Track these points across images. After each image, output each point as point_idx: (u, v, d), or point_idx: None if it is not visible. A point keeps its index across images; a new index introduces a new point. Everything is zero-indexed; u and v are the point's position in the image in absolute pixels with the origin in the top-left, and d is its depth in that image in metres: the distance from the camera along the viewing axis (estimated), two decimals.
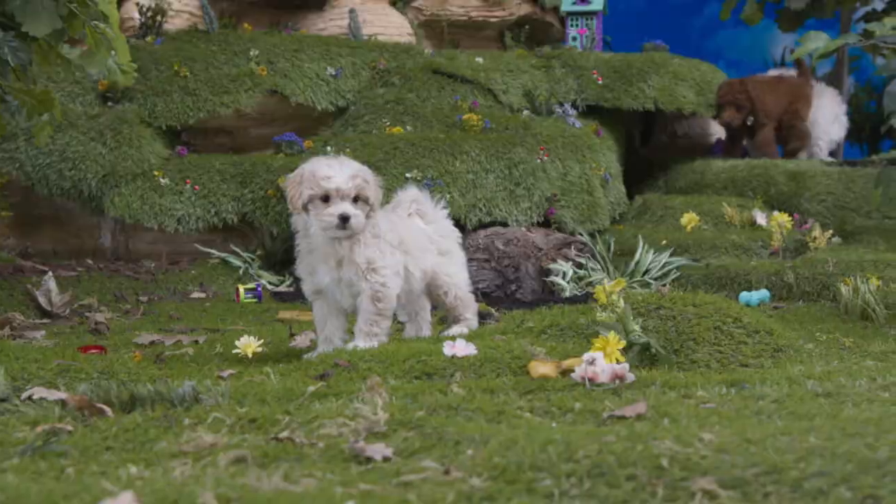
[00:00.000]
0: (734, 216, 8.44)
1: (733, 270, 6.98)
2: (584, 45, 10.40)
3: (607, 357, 3.64)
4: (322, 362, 3.95)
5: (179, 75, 8.53)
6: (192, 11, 9.64)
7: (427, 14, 10.37)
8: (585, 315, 4.37)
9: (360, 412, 2.90)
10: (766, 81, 9.97)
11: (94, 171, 7.85)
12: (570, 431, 2.72)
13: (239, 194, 7.87)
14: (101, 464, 2.59)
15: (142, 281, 7.26)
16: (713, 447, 2.45)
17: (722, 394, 3.38)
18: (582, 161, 8.30)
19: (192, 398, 3.15)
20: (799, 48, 5.80)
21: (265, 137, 8.76)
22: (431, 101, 8.89)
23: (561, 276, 6.91)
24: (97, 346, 4.61)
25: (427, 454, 2.60)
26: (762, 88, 9.75)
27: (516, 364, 3.81)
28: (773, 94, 9.81)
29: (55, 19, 4.71)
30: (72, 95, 8.39)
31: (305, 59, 8.89)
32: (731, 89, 9.65)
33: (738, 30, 12.78)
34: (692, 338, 4.15)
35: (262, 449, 2.64)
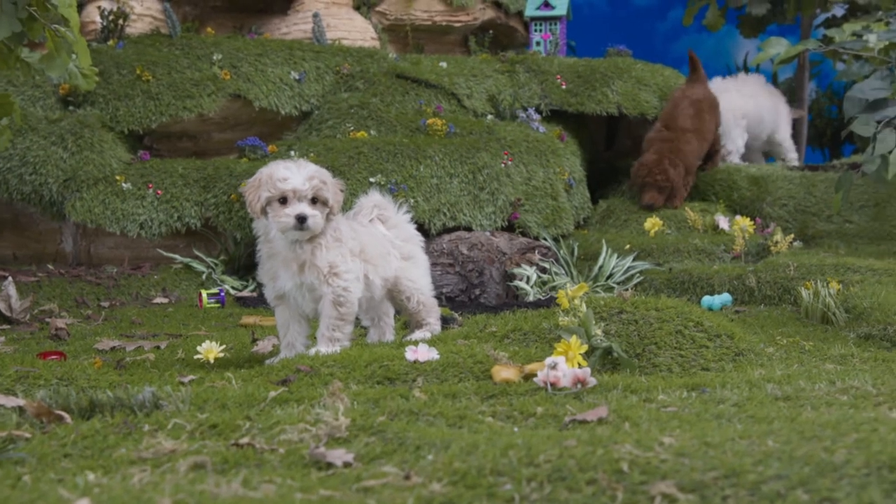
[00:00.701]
0: (697, 221, 8.49)
1: (696, 274, 7.02)
2: (548, 49, 10.43)
3: (569, 361, 3.65)
4: (284, 367, 3.94)
5: (142, 79, 8.49)
6: (154, 15, 9.59)
7: (391, 18, 10.36)
8: (548, 319, 4.38)
9: (322, 417, 2.89)
10: (680, 134, 9.07)
11: (56, 176, 7.79)
12: (532, 436, 2.72)
13: (202, 199, 7.83)
14: (59, 471, 2.57)
15: (103, 286, 7.21)
16: (673, 451, 2.45)
17: (683, 398, 3.39)
18: (546, 166, 8.32)
19: (152, 404, 3.13)
20: (759, 53, 5.85)
21: (229, 142, 8.73)
22: (395, 106, 8.88)
23: (525, 280, 6.92)
24: (57, 352, 4.58)
25: (388, 459, 2.60)
26: (678, 152, 8.94)
27: (479, 369, 3.81)
28: (689, 143, 9.04)
29: (14, 22, 4.68)
30: (32, 99, 8.33)
31: (269, 64, 8.86)
32: (650, 172, 8.82)
33: (702, 35, 12.86)
34: (654, 342, 4.16)
35: (222, 455, 2.62)
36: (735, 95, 10.15)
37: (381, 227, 4.64)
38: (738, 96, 10.17)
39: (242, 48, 8.93)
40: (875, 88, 5.29)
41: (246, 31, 9.77)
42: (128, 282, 7.41)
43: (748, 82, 10.45)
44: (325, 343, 4.26)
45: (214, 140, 8.90)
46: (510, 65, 9.73)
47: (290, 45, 9.19)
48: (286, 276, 4.28)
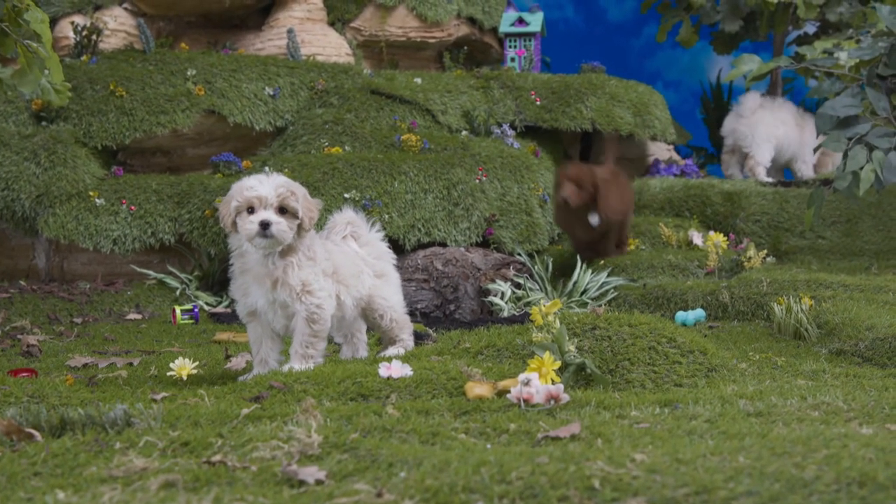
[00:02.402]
0: (671, 236, 8.51)
1: (670, 290, 7.03)
2: (523, 66, 10.46)
3: (542, 378, 3.64)
4: (257, 384, 3.93)
5: (115, 95, 8.46)
6: (127, 31, 9.57)
7: (366, 34, 10.37)
8: (522, 335, 4.37)
9: (294, 435, 2.88)
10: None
11: (28, 192, 7.76)
12: (504, 453, 2.72)
13: (176, 215, 7.81)
14: (29, 489, 2.55)
15: (76, 302, 7.17)
16: (644, 467, 2.46)
17: (655, 414, 3.39)
18: (520, 181, 8.33)
19: (123, 422, 3.11)
20: (732, 70, 5.87)
21: (203, 157, 8.71)
22: (370, 122, 8.89)
23: (499, 296, 6.92)
24: (28, 369, 4.55)
25: (360, 476, 2.59)
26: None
27: (452, 385, 3.80)
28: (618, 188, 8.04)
29: None
30: (4, 115, 8.29)
31: (243, 79, 8.85)
32: (573, 168, 7.85)
33: (677, 51, 12.92)
34: (627, 358, 4.16)
35: (194, 473, 2.61)
36: (769, 117, 10.26)
37: (353, 244, 4.64)
38: (772, 119, 10.27)
39: (217, 64, 8.92)
40: (846, 105, 5.33)
41: (220, 47, 9.75)
42: (101, 298, 7.37)
43: (783, 108, 10.53)
44: (298, 360, 4.25)
45: (188, 156, 8.88)
46: (485, 81, 9.75)
47: (264, 60, 9.18)
48: (258, 292, 4.27)
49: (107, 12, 9.57)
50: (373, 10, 10.39)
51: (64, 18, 9.45)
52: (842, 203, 9.03)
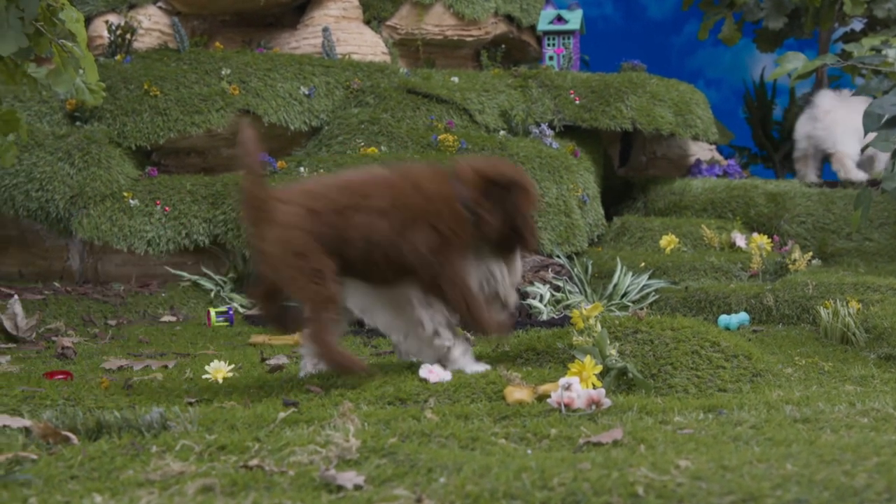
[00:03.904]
0: (713, 238, 8.43)
1: (712, 293, 6.95)
2: (561, 64, 10.41)
3: (584, 382, 3.61)
4: (294, 387, 3.91)
5: (149, 94, 8.47)
6: (162, 30, 9.59)
7: (402, 33, 10.34)
8: (562, 339, 4.33)
9: (332, 439, 2.86)
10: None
11: (62, 192, 7.77)
12: (545, 458, 2.69)
13: (210, 216, 7.80)
14: (66, 493, 2.54)
15: (110, 304, 7.17)
16: (689, 474, 2.44)
17: (699, 419, 3.35)
18: (559, 182, 8.27)
19: (159, 425, 3.11)
20: (777, 68, 5.78)
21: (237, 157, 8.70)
22: (406, 122, 8.86)
23: (538, 298, 6.86)
24: (63, 371, 4.54)
25: (399, 482, 2.56)
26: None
27: (491, 389, 3.77)
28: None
29: (21, 38, 4.65)
30: (39, 115, 8.32)
31: (278, 79, 8.84)
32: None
33: (718, 49, 12.84)
34: (670, 362, 4.11)
35: (231, 477, 2.59)
36: (843, 111, 10.08)
37: None
38: (847, 111, 10.09)
39: (251, 63, 8.91)
40: (894, 104, 5.23)
41: (255, 46, 9.75)
42: (135, 300, 7.37)
43: (855, 98, 10.38)
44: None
45: (223, 156, 8.88)
46: (523, 80, 9.71)
47: (299, 59, 9.17)
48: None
49: (141, 11, 9.59)
50: (409, 7, 10.36)
51: (98, 17, 9.48)
52: (890, 204, 8.94)
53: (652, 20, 13.73)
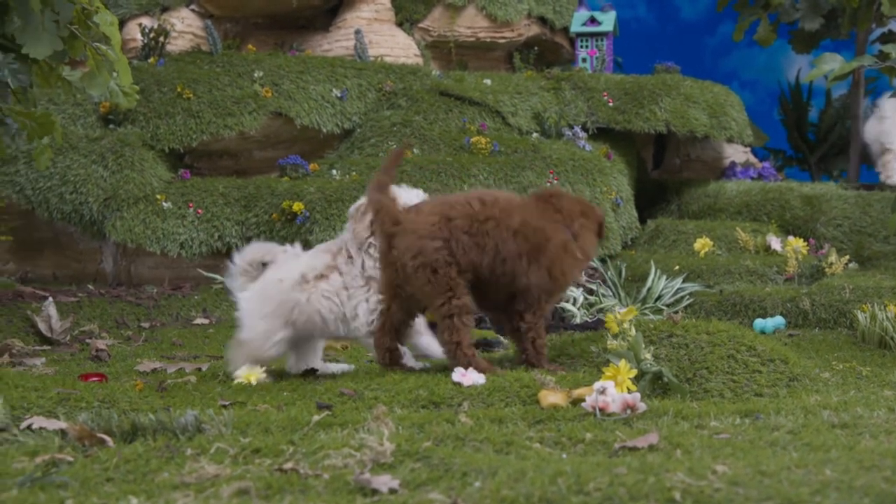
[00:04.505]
0: (748, 241, 8.38)
1: (747, 297, 6.91)
2: (595, 66, 10.38)
3: (618, 386, 3.59)
4: (327, 391, 3.90)
5: (182, 97, 8.49)
6: (195, 32, 9.62)
7: (434, 35, 10.34)
8: (596, 343, 4.31)
9: (366, 442, 2.85)
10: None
11: (96, 195, 7.80)
12: (581, 463, 2.68)
13: (243, 218, 7.81)
14: (102, 495, 2.55)
15: (144, 307, 7.19)
16: (727, 480, 2.42)
17: (736, 424, 3.33)
18: (592, 185, 8.25)
19: (194, 428, 3.12)
20: (813, 70, 5.74)
21: (270, 160, 8.72)
22: (439, 124, 8.85)
23: (571, 302, 6.83)
24: (98, 373, 4.55)
25: (434, 486, 2.55)
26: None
27: (525, 393, 3.75)
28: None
29: (56, 41, 4.67)
30: (73, 118, 8.36)
31: (311, 81, 8.84)
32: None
33: (753, 50, 12.76)
34: (705, 366, 4.09)
35: (266, 480, 2.59)
36: None
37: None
38: None
39: (284, 65, 8.93)
40: None
41: (287, 48, 9.77)
42: (168, 302, 7.38)
43: None
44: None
45: (255, 158, 8.89)
46: (556, 82, 9.68)
47: (331, 62, 9.18)
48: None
49: (174, 14, 9.63)
50: (441, 10, 10.36)
51: (132, 20, 9.52)
52: None
53: (685, 21, 13.67)
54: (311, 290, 4.32)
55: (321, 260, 4.37)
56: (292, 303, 4.31)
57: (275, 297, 4.33)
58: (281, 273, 4.38)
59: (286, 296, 4.32)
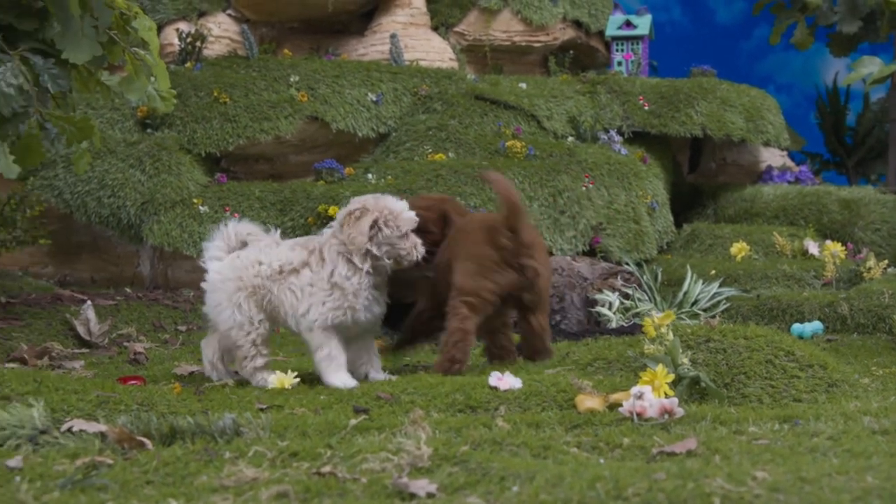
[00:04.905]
0: (785, 245, 8.33)
1: (785, 301, 6.86)
2: (630, 70, 10.35)
3: (656, 391, 3.57)
4: (364, 395, 3.91)
5: (219, 101, 8.53)
6: (231, 37, 9.67)
7: (469, 39, 10.34)
8: (633, 347, 4.30)
9: (404, 446, 2.85)
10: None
11: (133, 199, 7.84)
12: (619, 468, 2.67)
13: (279, 222, 7.83)
14: (142, 498, 2.56)
15: (180, 310, 7.22)
16: (767, 486, 2.40)
17: (775, 430, 3.31)
18: (628, 189, 8.22)
19: (232, 431, 3.13)
20: (851, 73, 5.71)
21: (305, 164, 8.74)
22: (474, 128, 8.84)
23: (607, 306, 6.80)
24: (136, 376, 4.58)
25: (472, 490, 2.55)
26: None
27: (562, 398, 3.74)
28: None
29: (95, 46, 4.70)
30: (111, 122, 8.41)
31: (346, 85, 8.86)
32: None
33: (789, 53, 12.70)
34: (743, 371, 4.06)
35: (305, 483, 2.60)
36: None
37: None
38: None
39: (320, 70, 8.95)
40: None
41: (323, 53, 9.80)
42: None
43: None
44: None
45: (291, 162, 8.92)
46: (591, 85, 9.66)
47: (367, 66, 9.19)
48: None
49: (211, 19, 9.68)
50: (477, 14, 10.36)
51: (169, 25, 9.57)
52: None
53: (720, 25, 13.61)
54: (281, 281, 4.38)
55: (297, 254, 4.42)
56: (265, 289, 4.40)
57: (250, 279, 4.41)
58: (262, 256, 4.44)
59: (261, 281, 4.39)
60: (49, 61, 4.81)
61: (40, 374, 4.09)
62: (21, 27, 4.82)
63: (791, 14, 10.99)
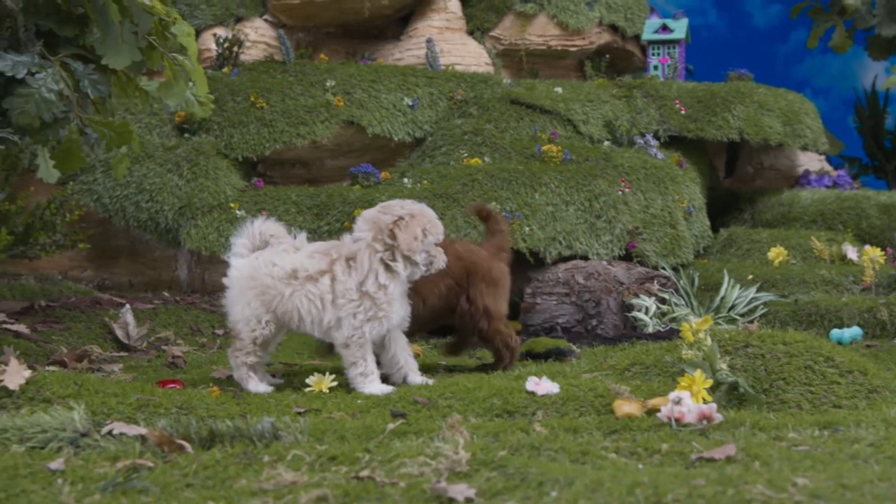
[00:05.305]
0: (824, 250, 8.26)
1: (823, 307, 6.81)
2: (666, 74, 10.31)
3: (694, 396, 3.56)
4: (401, 398, 3.91)
5: (256, 106, 8.56)
6: (268, 42, 9.70)
7: (505, 43, 10.33)
8: (671, 352, 4.28)
9: (441, 451, 2.85)
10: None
11: (171, 203, 7.88)
12: (658, 473, 2.66)
13: (315, 226, 7.84)
14: (182, 501, 2.58)
15: (218, 314, 7.24)
16: (808, 492, 2.38)
17: (815, 436, 3.29)
18: (664, 193, 8.19)
19: (271, 435, 3.14)
20: (890, 77, 5.66)
21: (341, 169, 8.75)
22: (510, 132, 8.83)
23: (643, 311, 6.78)
24: (175, 380, 4.60)
25: (510, 495, 2.54)
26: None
27: (600, 403, 3.73)
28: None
29: (135, 52, 4.73)
30: (149, 127, 8.45)
31: (382, 90, 8.87)
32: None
33: (827, 57, 12.61)
34: (782, 377, 4.04)
35: (343, 488, 2.60)
36: None
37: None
38: None
39: (356, 74, 8.96)
40: None
41: (359, 58, 9.82)
42: None
43: None
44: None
45: (327, 167, 8.93)
46: (627, 89, 9.63)
47: (403, 70, 9.20)
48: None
49: (248, 24, 9.71)
50: (513, 18, 10.34)
51: (206, 31, 9.61)
52: None
53: (757, 28, 13.53)
54: (296, 287, 4.42)
55: (315, 262, 4.45)
56: (276, 291, 4.45)
57: (263, 278, 4.48)
58: (277, 258, 4.50)
59: (272, 282, 4.45)
60: (89, 67, 4.84)
61: (80, 377, 4.12)
62: (62, 33, 4.85)
63: (829, 17, 10.89)
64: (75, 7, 4.87)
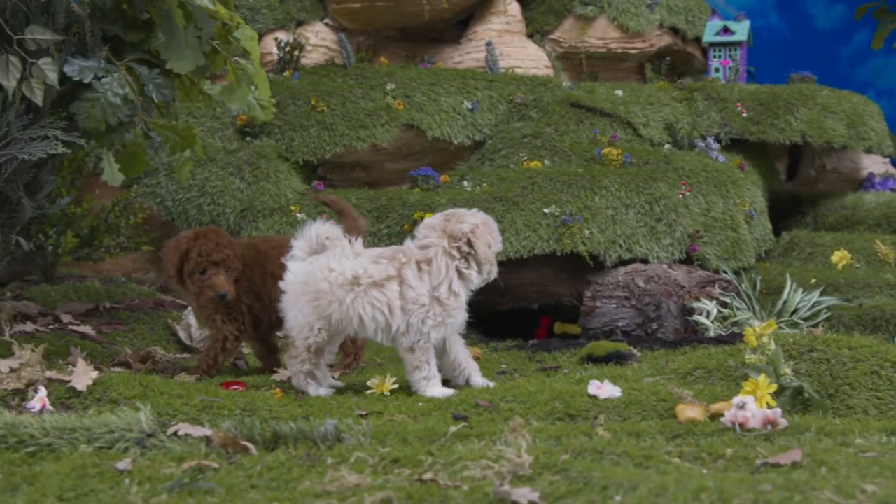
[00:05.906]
0: (888, 254, 8.16)
1: (889, 311, 6.72)
2: (728, 76, 10.23)
3: (758, 401, 3.53)
4: (462, 402, 3.92)
5: (316, 110, 8.60)
6: (329, 46, 9.74)
7: (565, 46, 10.30)
8: (733, 357, 4.25)
9: (504, 454, 2.85)
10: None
11: (233, 206, 7.93)
12: (723, 479, 2.64)
13: (375, 229, 7.86)
14: (247, 502, 2.60)
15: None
16: (877, 500, 2.36)
17: (882, 442, 3.24)
18: (726, 196, 8.12)
19: (334, 437, 3.15)
20: None
21: (401, 172, 8.77)
22: (570, 135, 8.81)
23: (705, 315, 6.73)
24: (238, 381, 4.63)
25: (574, 499, 2.54)
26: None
27: (662, 407, 3.72)
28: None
29: (198, 56, 4.78)
30: (211, 130, 8.51)
31: (442, 93, 8.88)
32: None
33: (890, 58, 12.43)
34: (848, 382, 3.99)
35: (407, 490, 2.61)
36: None
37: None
38: None
39: (416, 77, 8.98)
40: None
41: (419, 61, 9.84)
42: None
43: None
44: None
45: (387, 170, 8.95)
46: (688, 92, 9.57)
47: (462, 73, 9.20)
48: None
49: (309, 28, 9.77)
50: (573, 21, 10.32)
51: (268, 35, 9.67)
52: None
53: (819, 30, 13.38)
54: (360, 293, 4.36)
55: (380, 268, 4.40)
56: (332, 297, 4.38)
57: (317, 284, 4.41)
58: (334, 263, 4.44)
59: (328, 287, 4.38)
60: (154, 71, 4.90)
61: (145, 378, 4.16)
62: (127, 38, 4.92)
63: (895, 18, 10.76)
64: (141, 12, 4.93)
